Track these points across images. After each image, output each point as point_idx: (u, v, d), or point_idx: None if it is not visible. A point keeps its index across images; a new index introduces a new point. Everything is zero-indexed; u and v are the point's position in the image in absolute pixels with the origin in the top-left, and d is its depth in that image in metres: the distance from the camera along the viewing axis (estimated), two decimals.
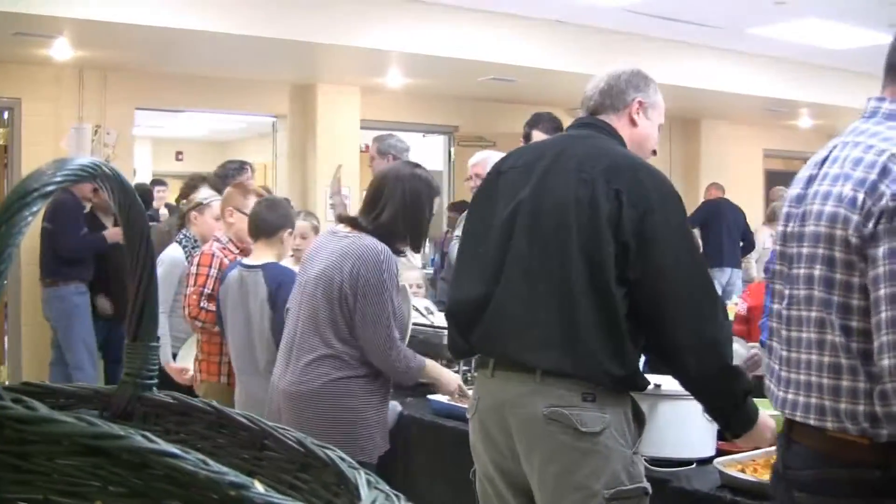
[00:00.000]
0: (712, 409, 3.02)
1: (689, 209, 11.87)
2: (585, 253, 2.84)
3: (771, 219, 11.64)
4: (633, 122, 3.17)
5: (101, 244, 7.91)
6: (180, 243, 5.76)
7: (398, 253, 3.97)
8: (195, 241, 5.72)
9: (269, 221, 4.83)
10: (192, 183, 7.65)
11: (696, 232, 9.85)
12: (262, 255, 4.80)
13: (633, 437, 2.92)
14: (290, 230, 4.80)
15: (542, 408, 2.84)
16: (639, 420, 2.98)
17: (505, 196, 3.07)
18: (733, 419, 2.96)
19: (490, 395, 3.03)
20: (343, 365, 3.84)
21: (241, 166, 7.50)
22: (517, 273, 2.96)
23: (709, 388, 2.93)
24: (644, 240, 2.82)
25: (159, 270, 5.58)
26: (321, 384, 3.83)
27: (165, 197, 10.44)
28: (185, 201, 6.53)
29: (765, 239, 11.41)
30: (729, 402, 2.93)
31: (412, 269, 5.95)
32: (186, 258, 5.57)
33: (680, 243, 2.89)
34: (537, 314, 2.90)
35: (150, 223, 5.51)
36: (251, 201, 5.35)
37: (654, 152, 3.27)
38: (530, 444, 2.91)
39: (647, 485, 2.93)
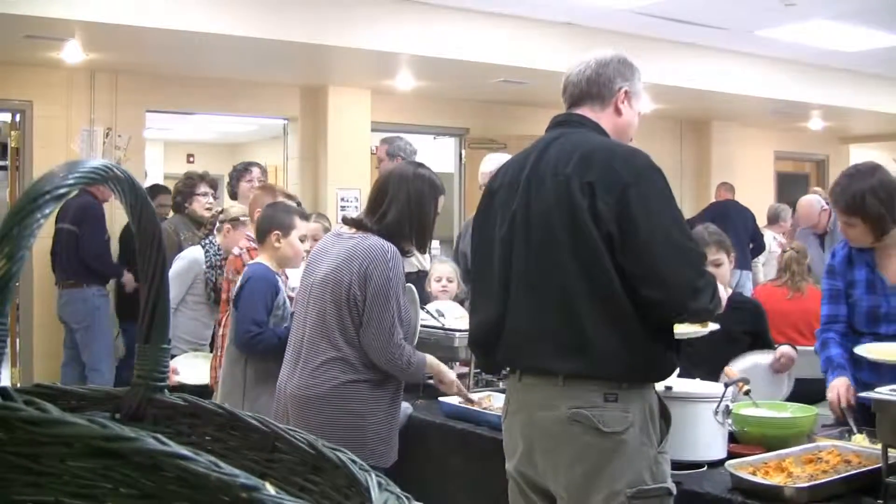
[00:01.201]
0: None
1: (699, 211, 11.90)
2: (577, 255, 2.86)
3: (773, 220, 11.61)
4: (618, 112, 3.17)
5: (117, 272, 7.98)
6: (204, 248, 5.76)
7: (405, 253, 3.97)
8: (218, 248, 5.73)
9: (258, 226, 4.91)
10: (189, 182, 7.68)
11: None
12: (259, 256, 4.87)
13: (658, 436, 2.93)
14: (277, 232, 4.78)
15: (566, 409, 2.87)
16: (665, 418, 2.99)
17: (500, 214, 3.10)
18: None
19: (518, 398, 3.08)
20: (351, 368, 3.83)
21: (246, 167, 7.50)
22: (522, 288, 3.00)
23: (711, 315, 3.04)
24: (624, 225, 2.82)
25: (178, 265, 5.61)
26: (330, 388, 3.81)
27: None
28: (219, 209, 6.56)
29: (769, 242, 11.36)
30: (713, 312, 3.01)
31: (444, 262, 5.97)
32: (206, 263, 5.58)
33: (657, 219, 2.86)
34: (547, 325, 2.93)
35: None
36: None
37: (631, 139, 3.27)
38: (555, 446, 2.93)
39: (670, 485, 2.94)
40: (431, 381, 4.35)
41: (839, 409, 3.90)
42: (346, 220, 4.11)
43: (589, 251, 2.83)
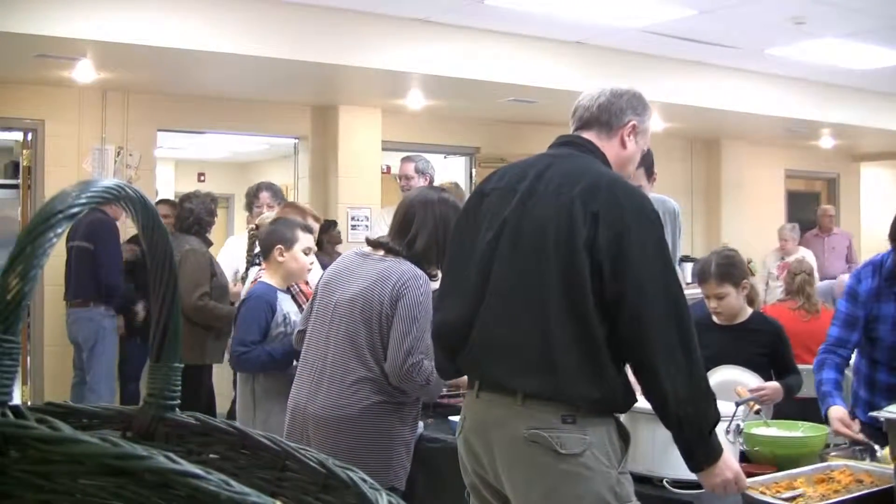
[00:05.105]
0: (679, 437, 2.86)
1: (710, 230, 11.89)
2: (563, 276, 2.83)
3: (779, 240, 11.59)
4: (623, 144, 3.17)
5: (130, 296, 7.98)
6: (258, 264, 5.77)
7: (430, 278, 3.97)
8: None
9: (261, 244, 5.00)
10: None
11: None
12: (265, 274, 4.90)
13: (618, 456, 2.89)
14: (280, 246, 4.81)
15: (523, 430, 2.85)
16: (624, 439, 2.95)
17: (488, 218, 3.07)
18: (699, 450, 2.86)
19: (475, 415, 3.05)
20: (381, 389, 3.81)
21: (256, 193, 7.51)
22: (499, 296, 2.96)
23: (680, 411, 2.80)
24: (618, 260, 2.80)
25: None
26: (362, 408, 3.79)
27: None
28: (253, 226, 6.60)
29: (772, 262, 11.31)
30: (695, 431, 2.83)
31: None
32: None
33: (653, 263, 2.84)
34: (517, 338, 2.90)
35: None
36: (310, 223, 5.43)
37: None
38: (513, 466, 2.91)
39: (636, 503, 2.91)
40: (443, 401, 4.34)
41: (854, 437, 3.80)
42: (371, 243, 4.10)
43: (575, 273, 2.81)
